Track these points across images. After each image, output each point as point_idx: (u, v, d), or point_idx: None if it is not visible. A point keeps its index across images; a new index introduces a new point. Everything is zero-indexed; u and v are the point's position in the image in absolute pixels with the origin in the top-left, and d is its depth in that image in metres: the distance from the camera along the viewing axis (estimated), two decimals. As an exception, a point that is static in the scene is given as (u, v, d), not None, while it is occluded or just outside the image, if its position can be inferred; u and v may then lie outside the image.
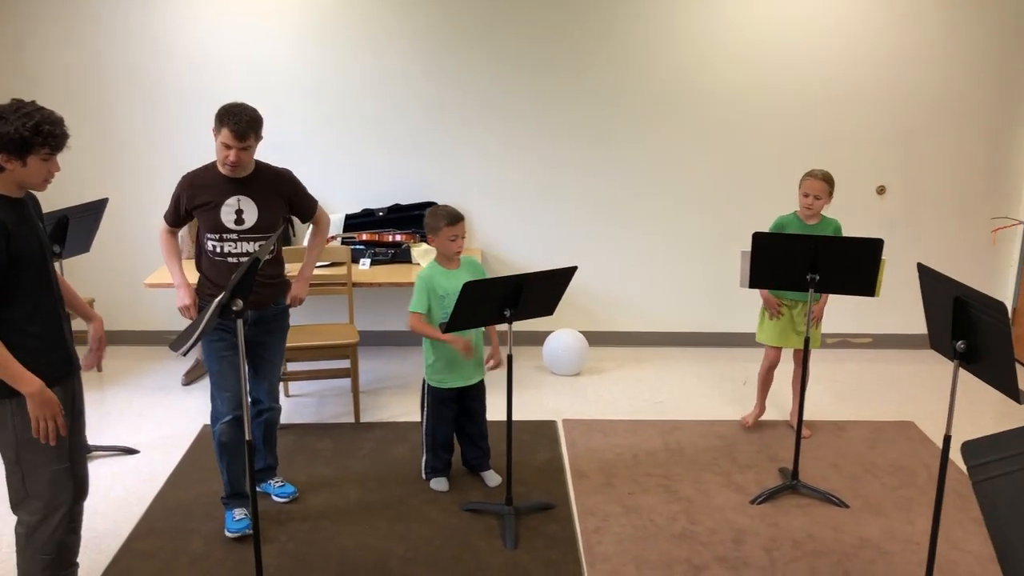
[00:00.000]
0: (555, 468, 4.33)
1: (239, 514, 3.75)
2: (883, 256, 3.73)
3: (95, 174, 5.67)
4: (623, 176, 5.77)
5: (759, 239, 3.87)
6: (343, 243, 5.52)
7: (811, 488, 4.08)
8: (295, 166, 5.61)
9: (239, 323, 2.89)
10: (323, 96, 5.59)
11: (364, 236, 5.54)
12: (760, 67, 5.60)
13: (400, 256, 5.45)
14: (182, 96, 5.54)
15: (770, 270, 3.91)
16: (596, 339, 5.94)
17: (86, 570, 3.41)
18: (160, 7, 5.41)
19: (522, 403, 5.06)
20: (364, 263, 5.38)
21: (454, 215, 3.84)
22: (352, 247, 5.41)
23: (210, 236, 3.55)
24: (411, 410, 4.96)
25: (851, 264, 3.75)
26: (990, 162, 5.79)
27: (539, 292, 3.58)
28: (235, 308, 2.81)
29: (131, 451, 4.47)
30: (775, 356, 4.66)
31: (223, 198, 3.52)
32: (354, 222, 5.65)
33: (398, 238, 5.53)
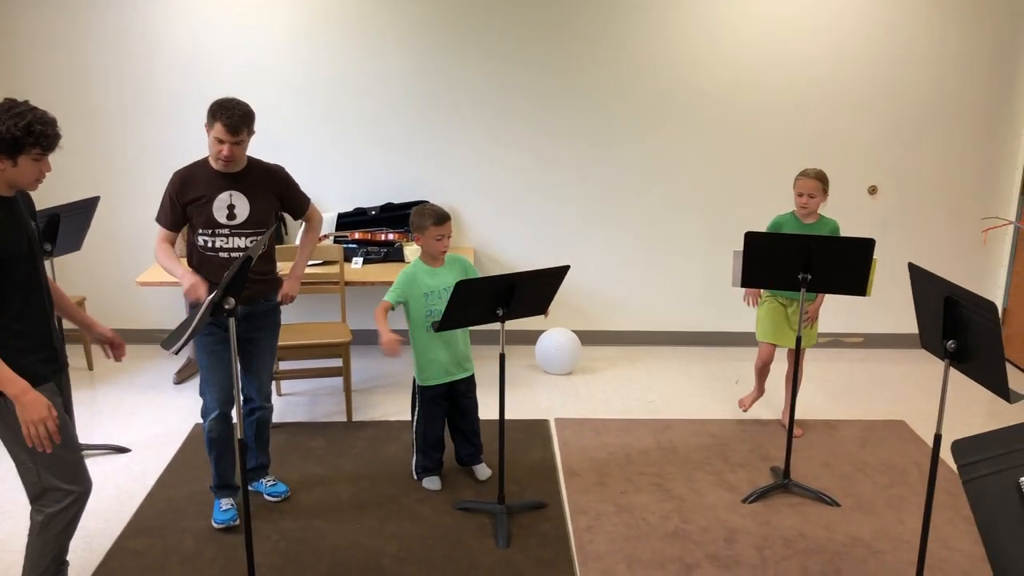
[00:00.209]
0: (547, 467, 4.33)
1: (226, 504, 3.79)
2: (874, 256, 3.74)
3: (86, 172, 5.65)
4: (616, 175, 5.77)
5: (751, 239, 3.87)
6: (335, 241, 5.51)
7: (803, 487, 4.10)
8: (288, 164, 5.62)
9: (231, 321, 2.88)
10: (316, 94, 5.58)
11: (357, 235, 5.53)
12: (753, 67, 5.61)
13: (393, 255, 5.44)
14: (174, 94, 5.53)
15: (762, 269, 3.92)
16: (589, 338, 5.94)
17: (77, 569, 3.40)
18: (151, 5, 5.39)
19: (514, 402, 5.06)
20: (356, 262, 5.37)
21: (441, 215, 3.85)
22: (344, 246, 5.41)
23: (202, 232, 3.55)
24: (403, 409, 4.95)
25: (843, 264, 3.77)
26: (981, 162, 5.81)
27: (532, 291, 3.59)
28: (227, 306, 2.80)
29: (122, 450, 4.46)
30: (768, 354, 4.66)
31: (215, 193, 3.52)
32: (347, 221, 5.64)
33: (391, 237, 5.52)
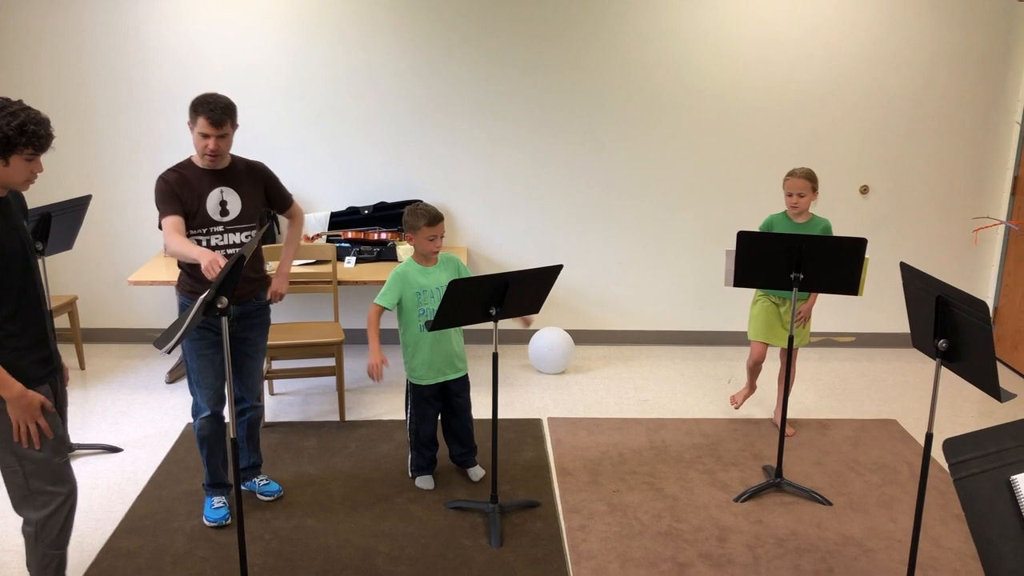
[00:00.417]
0: (540, 466, 4.33)
1: (217, 502, 3.80)
2: (866, 255, 3.75)
3: (78, 171, 5.63)
4: (609, 175, 5.78)
5: (743, 238, 3.88)
6: (328, 241, 5.50)
7: (795, 486, 4.11)
8: (280, 163, 5.65)
9: (224, 321, 2.88)
10: (309, 93, 5.57)
11: (349, 234, 5.53)
12: (746, 67, 5.62)
13: (385, 254, 5.44)
14: (166, 93, 5.51)
15: (754, 269, 3.93)
16: (582, 337, 5.95)
17: (69, 569, 3.37)
18: (144, 3, 5.38)
19: (508, 401, 5.07)
20: (349, 261, 5.37)
21: (434, 215, 3.85)
22: (337, 245, 5.40)
23: (195, 232, 3.52)
24: (396, 408, 4.95)
25: (835, 263, 3.78)
26: (972, 162, 5.83)
27: (525, 291, 3.59)
28: (220, 305, 2.80)
29: (114, 449, 4.45)
30: (760, 352, 4.67)
31: (206, 191, 3.52)
32: (339, 220, 5.63)
33: (383, 236, 5.52)
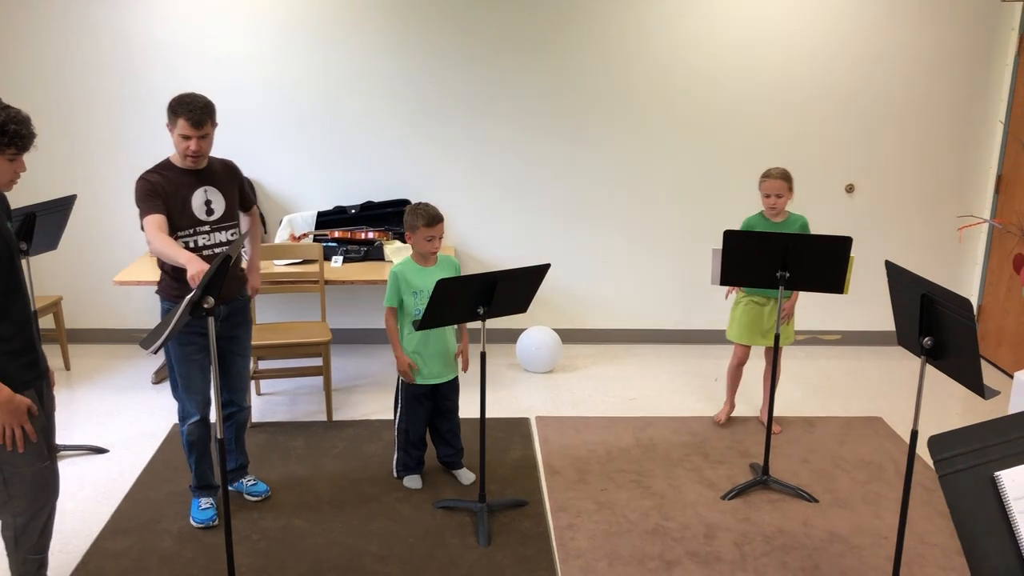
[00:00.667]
0: (528, 465, 4.34)
1: (205, 503, 3.79)
2: (852, 254, 3.78)
3: (63, 171, 5.59)
4: (596, 174, 5.79)
5: (730, 237, 3.90)
6: (315, 240, 5.49)
7: (781, 483, 4.13)
8: (267, 162, 5.63)
9: (211, 320, 2.87)
10: (294, 93, 5.56)
11: (336, 233, 5.52)
12: (731, 68, 5.64)
13: (373, 254, 5.43)
14: (153, 93, 5.48)
15: (741, 267, 3.94)
16: (569, 336, 5.96)
17: (54, 570, 3.37)
18: (130, 2, 5.34)
19: (495, 400, 5.07)
20: (336, 261, 5.36)
21: (433, 216, 3.84)
22: (324, 244, 5.39)
23: (182, 233, 3.50)
24: (384, 408, 4.95)
25: (820, 261, 3.80)
26: (957, 162, 5.87)
27: (512, 290, 3.59)
28: (206, 305, 2.78)
29: (100, 450, 4.42)
30: (744, 353, 4.70)
31: (190, 192, 3.50)
32: (326, 219, 5.62)
33: (371, 235, 5.51)
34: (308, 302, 5.76)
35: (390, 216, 5.66)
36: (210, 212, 3.55)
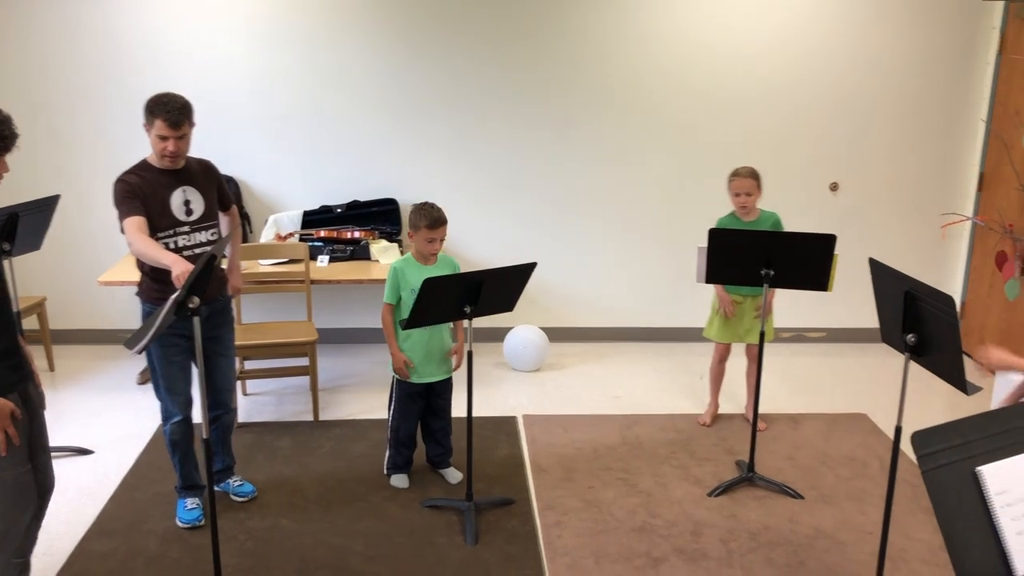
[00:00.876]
0: (515, 463, 4.34)
1: (191, 503, 3.77)
2: (836, 251, 3.80)
3: (47, 170, 5.55)
4: (583, 173, 5.79)
5: (715, 235, 3.92)
6: (301, 240, 5.48)
7: (767, 480, 4.15)
8: (252, 161, 5.62)
9: (196, 321, 2.86)
10: (279, 91, 5.54)
11: (322, 233, 5.50)
12: (717, 66, 5.65)
13: (359, 253, 5.42)
14: (136, 91, 5.42)
15: (726, 266, 3.96)
16: (556, 335, 5.96)
17: (39, 572, 3.35)
18: (114, 1, 5.31)
19: (483, 399, 5.07)
20: (322, 260, 5.34)
21: (435, 219, 3.83)
22: (310, 244, 5.37)
23: (162, 235, 3.47)
24: (371, 407, 4.94)
25: (805, 259, 3.82)
26: (940, 160, 5.91)
27: (499, 288, 3.59)
28: (191, 305, 2.77)
29: (85, 451, 4.40)
30: (724, 350, 4.75)
31: (169, 192, 3.48)
32: (312, 219, 5.61)
33: (357, 235, 5.50)
34: (294, 302, 5.74)
35: (376, 215, 5.66)
36: (189, 212, 3.53)
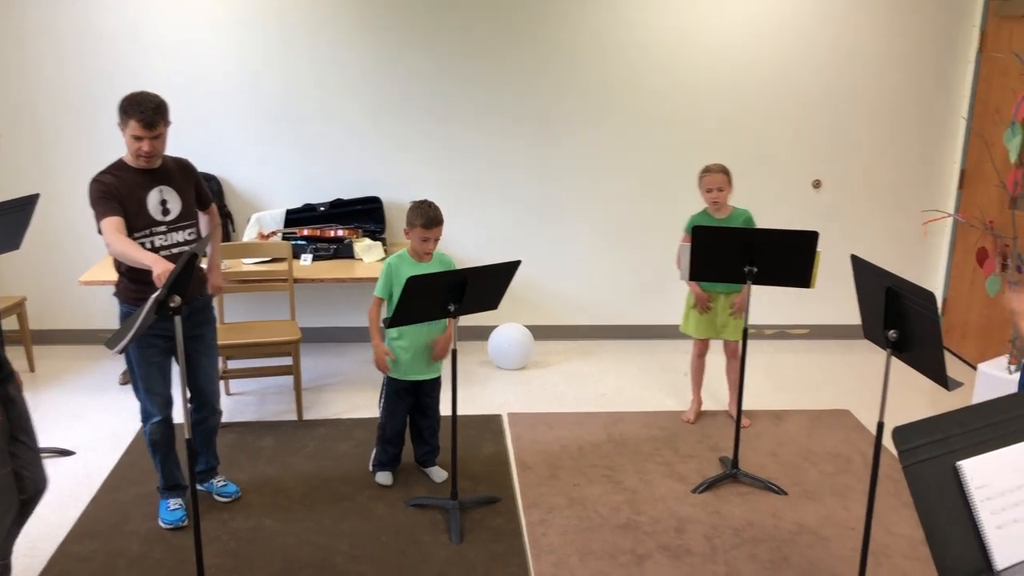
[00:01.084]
0: (500, 461, 4.34)
1: (174, 504, 3.75)
2: (818, 248, 3.81)
3: (26, 169, 5.50)
4: (566, 171, 5.79)
5: (698, 233, 3.93)
6: (284, 238, 5.45)
7: (751, 476, 4.16)
8: (234, 159, 5.59)
9: (177, 320, 2.84)
10: (262, 89, 5.51)
11: (305, 231, 5.48)
12: (699, 65, 5.67)
13: (342, 252, 5.40)
14: (117, 89, 5.35)
15: (709, 263, 3.98)
16: (541, 333, 5.96)
17: (19, 574, 3.32)
18: (92, -3, 5.29)
19: (468, 397, 5.06)
20: (306, 259, 5.32)
21: (431, 218, 3.80)
22: (293, 242, 5.35)
23: (138, 234, 3.43)
24: (355, 406, 4.93)
25: (787, 256, 3.83)
26: (921, 157, 5.95)
27: (483, 287, 3.59)
28: (172, 304, 2.76)
29: (66, 452, 4.37)
30: (703, 345, 4.79)
31: (145, 192, 3.45)
32: (295, 217, 5.58)
33: (340, 233, 5.48)
34: (277, 301, 5.71)
35: (360, 214, 5.64)
36: (166, 212, 3.50)
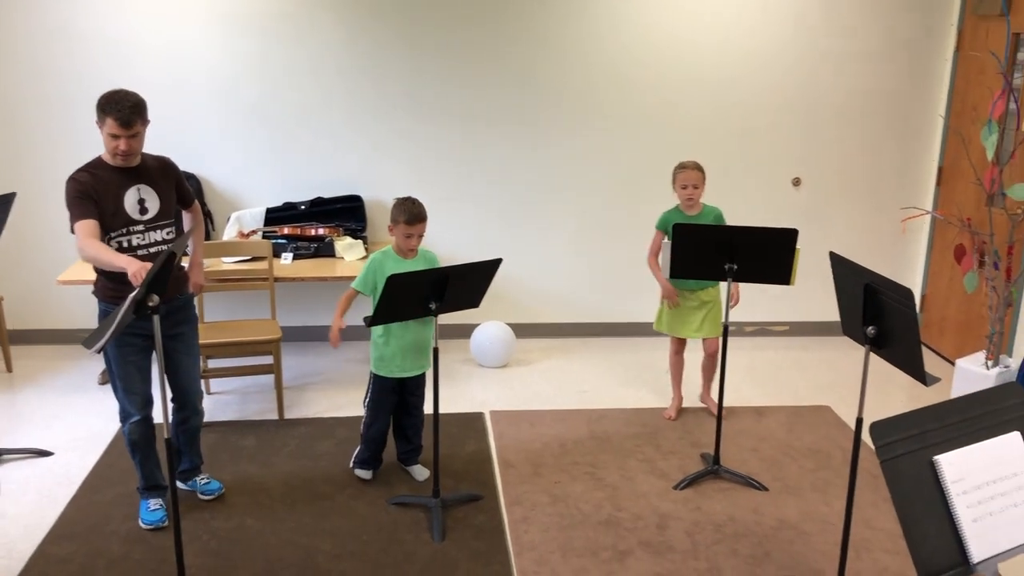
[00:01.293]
0: (482, 459, 4.34)
1: (153, 504, 3.73)
2: (798, 246, 3.84)
3: (4, 168, 5.45)
4: (547, 169, 5.80)
5: (679, 230, 3.95)
6: (264, 237, 5.42)
7: (732, 472, 4.18)
8: (214, 157, 5.56)
9: (156, 319, 2.82)
10: (241, 87, 5.48)
11: (286, 230, 5.46)
12: (680, 63, 5.68)
13: (323, 250, 5.38)
14: (94, 87, 5.35)
15: (690, 261, 3.99)
16: (523, 331, 5.97)
17: (-3, 577, 3.30)
18: (69, -6, 5.24)
19: (450, 396, 5.06)
20: (286, 257, 5.30)
21: (415, 215, 3.80)
22: (273, 241, 5.32)
23: (115, 234, 3.41)
24: (336, 405, 4.91)
25: (767, 254, 3.86)
26: (900, 155, 6.00)
27: (464, 285, 3.59)
28: (151, 304, 2.74)
29: (45, 453, 4.33)
30: (679, 342, 4.83)
31: (123, 191, 3.43)
32: (275, 216, 5.55)
33: (321, 232, 5.46)
34: (257, 300, 5.68)
35: (340, 212, 5.62)
36: (144, 211, 3.47)
